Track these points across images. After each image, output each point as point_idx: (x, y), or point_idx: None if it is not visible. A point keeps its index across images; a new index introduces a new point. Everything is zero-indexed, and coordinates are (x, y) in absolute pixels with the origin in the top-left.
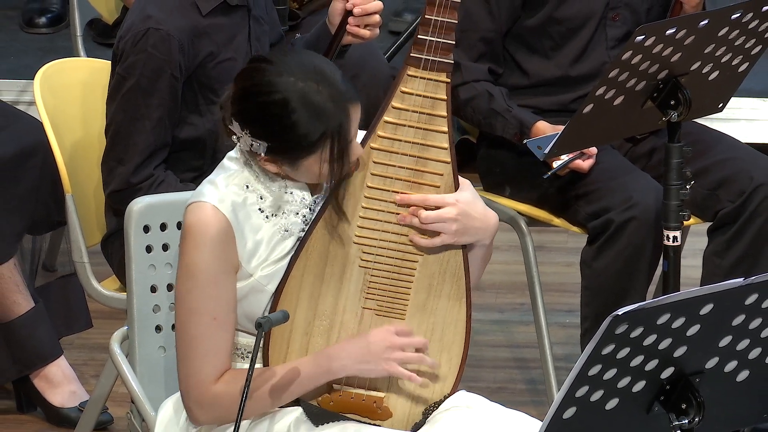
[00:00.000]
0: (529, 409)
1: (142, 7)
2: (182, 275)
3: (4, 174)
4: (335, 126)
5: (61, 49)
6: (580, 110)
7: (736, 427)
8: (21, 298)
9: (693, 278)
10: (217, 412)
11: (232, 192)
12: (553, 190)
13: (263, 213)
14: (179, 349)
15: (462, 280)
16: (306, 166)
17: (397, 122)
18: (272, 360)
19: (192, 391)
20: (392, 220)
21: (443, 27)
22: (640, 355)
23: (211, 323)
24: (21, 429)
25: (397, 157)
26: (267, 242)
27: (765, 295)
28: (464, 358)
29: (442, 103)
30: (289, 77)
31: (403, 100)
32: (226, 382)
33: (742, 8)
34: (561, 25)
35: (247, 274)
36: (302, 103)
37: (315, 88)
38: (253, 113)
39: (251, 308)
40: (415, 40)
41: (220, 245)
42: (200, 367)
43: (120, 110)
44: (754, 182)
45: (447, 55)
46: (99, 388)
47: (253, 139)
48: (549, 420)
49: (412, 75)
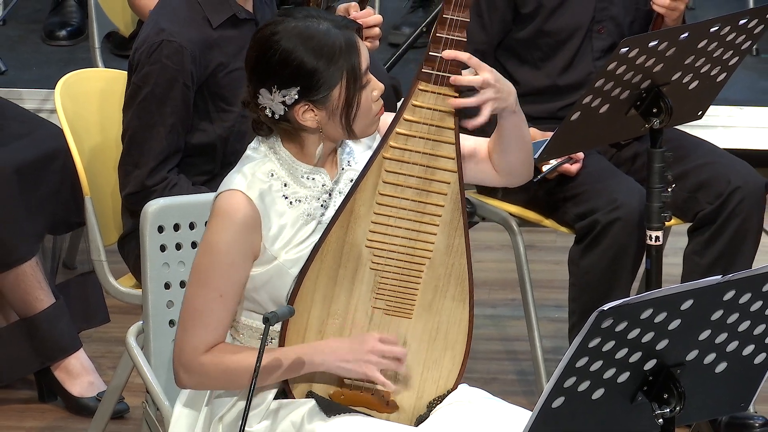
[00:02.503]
0: (519, 399)
1: (157, 20)
2: (202, 251)
3: (26, 177)
4: (347, 50)
5: (81, 60)
6: (568, 117)
7: (714, 415)
8: (43, 295)
9: (674, 275)
10: (201, 379)
11: (259, 179)
12: (543, 192)
13: (287, 199)
14: (182, 316)
15: (466, 282)
16: (333, 101)
17: (408, 134)
18: None
19: (183, 356)
20: (402, 225)
21: (452, 44)
22: (624, 347)
23: (217, 299)
24: (42, 417)
25: (407, 166)
26: (291, 226)
27: (742, 291)
28: (467, 355)
29: (451, 116)
30: (289, 23)
31: (414, 112)
32: (214, 354)
33: (720, 22)
34: (550, 37)
35: (271, 257)
36: (308, 36)
37: (315, 22)
38: (271, 66)
39: (276, 291)
40: (426, 57)
41: (245, 229)
42: (196, 337)
43: (136, 117)
44: (731, 185)
45: (456, 71)
46: (116, 379)
47: (283, 94)
48: (539, 409)
49: (423, 89)
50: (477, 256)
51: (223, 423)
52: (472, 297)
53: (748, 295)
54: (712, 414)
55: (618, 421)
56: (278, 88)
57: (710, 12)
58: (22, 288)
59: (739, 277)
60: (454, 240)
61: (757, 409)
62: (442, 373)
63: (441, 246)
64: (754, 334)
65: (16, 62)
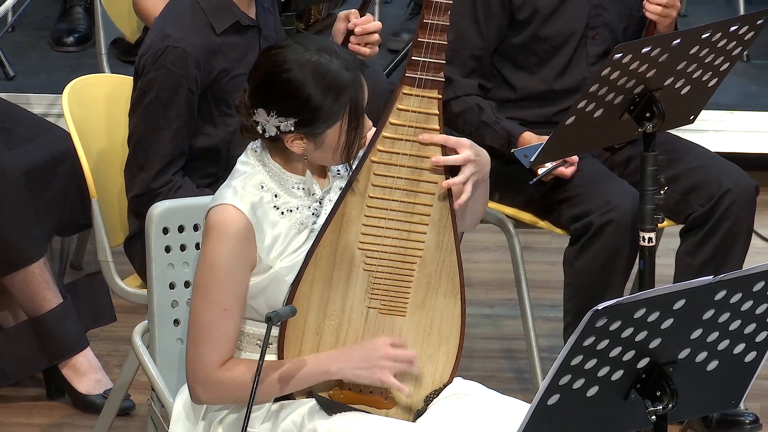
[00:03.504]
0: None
1: (162, 26)
2: (202, 267)
3: (35, 180)
4: (352, 92)
5: (87, 66)
6: (563, 122)
7: (706, 412)
8: (51, 294)
9: (667, 276)
10: (218, 393)
11: (249, 192)
12: (538, 194)
13: (278, 210)
14: (190, 334)
15: (456, 277)
16: (328, 138)
17: (394, 137)
18: (287, 357)
19: (198, 372)
20: (393, 226)
21: (434, 48)
22: (618, 346)
23: (222, 313)
24: (50, 414)
25: (395, 168)
26: (284, 236)
27: (733, 291)
28: (460, 348)
29: (435, 117)
30: (303, 53)
31: (399, 116)
32: (229, 369)
33: (712, 28)
34: (545, 43)
35: (267, 266)
36: (319, 74)
37: (327, 59)
38: (276, 93)
39: (273, 298)
40: (409, 62)
41: (240, 242)
42: (208, 352)
43: (141, 121)
44: (722, 188)
45: (438, 73)
46: (122, 377)
47: (280, 119)
48: (535, 406)
49: (407, 93)
50: (474, 257)
51: (223, 425)
52: (463, 291)
53: (739, 295)
54: (704, 411)
55: (612, 418)
56: (277, 114)
57: (702, 19)
58: (31, 288)
59: (730, 277)
60: (444, 237)
61: (747, 406)
62: (437, 367)
63: (431, 244)
64: (744, 332)
65: (25, 68)
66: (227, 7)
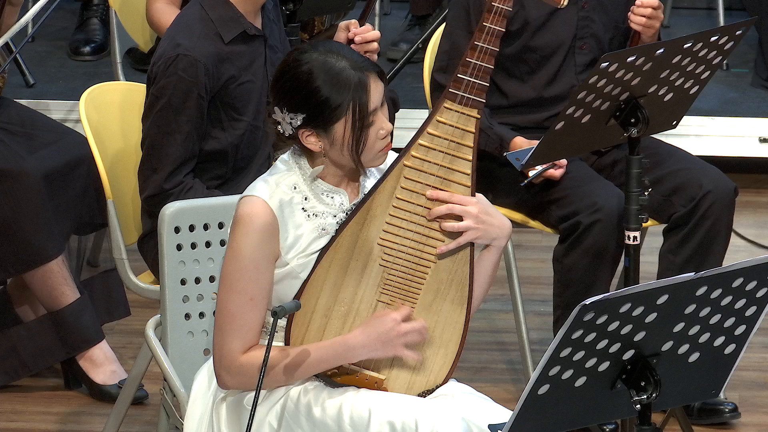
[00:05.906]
0: (508, 387)
1: (173, 36)
2: (229, 257)
3: (54, 183)
4: (356, 89)
5: (103, 74)
6: (552, 127)
7: (688, 401)
8: (68, 290)
9: (650, 273)
10: (242, 378)
11: (282, 191)
12: (529, 195)
13: (306, 212)
14: (217, 322)
15: (466, 288)
16: (337, 133)
17: (429, 146)
18: (293, 336)
19: (224, 359)
20: (414, 229)
21: (481, 70)
22: (605, 339)
23: (248, 303)
24: (68, 403)
25: (425, 176)
26: (306, 237)
27: (713, 287)
28: (458, 355)
29: (471, 135)
30: (313, 53)
31: (437, 127)
32: (252, 355)
33: (693, 39)
34: (535, 52)
35: (284, 263)
36: (325, 69)
37: (335, 58)
38: (287, 89)
39: (285, 292)
40: (454, 78)
41: (265, 235)
42: (233, 340)
43: (154, 126)
44: (703, 189)
45: (481, 94)
46: (136, 368)
47: (291, 115)
48: (526, 395)
49: (448, 108)
50: None
51: (227, 402)
52: (470, 302)
53: (719, 291)
54: (686, 400)
55: (599, 407)
56: (288, 110)
57: (684, 30)
58: (50, 284)
59: (711, 274)
60: (460, 248)
61: (727, 395)
62: (433, 369)
63: (447, 253)
64: (724, 326)
65: (44, 76)
66: (235, 18)
